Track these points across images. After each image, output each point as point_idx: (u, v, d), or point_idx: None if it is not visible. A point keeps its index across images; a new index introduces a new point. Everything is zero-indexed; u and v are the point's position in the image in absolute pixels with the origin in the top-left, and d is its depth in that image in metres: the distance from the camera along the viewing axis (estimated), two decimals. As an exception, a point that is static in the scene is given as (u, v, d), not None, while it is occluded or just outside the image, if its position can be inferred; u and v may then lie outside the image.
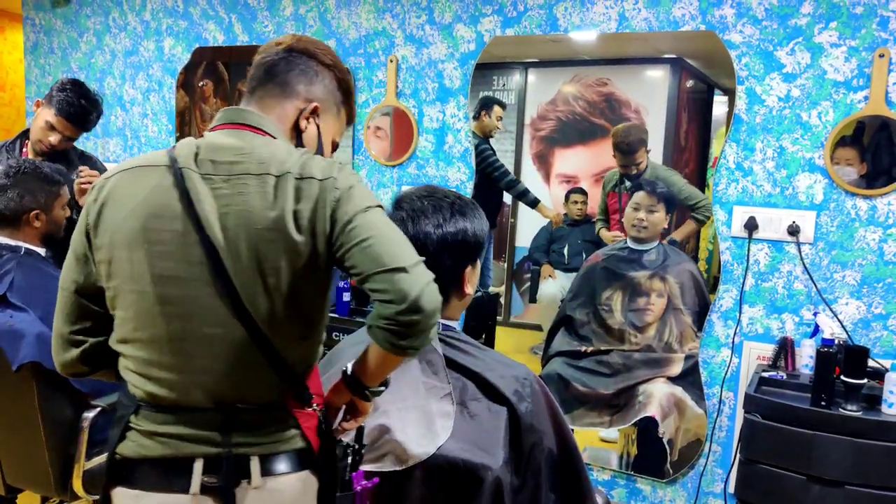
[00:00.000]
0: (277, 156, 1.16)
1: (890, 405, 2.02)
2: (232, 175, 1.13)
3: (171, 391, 1.15)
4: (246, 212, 1.11)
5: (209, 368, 1.15)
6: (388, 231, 1.13)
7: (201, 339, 1.14)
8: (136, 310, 1.15)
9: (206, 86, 3.52)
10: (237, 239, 1.11)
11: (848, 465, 1.96)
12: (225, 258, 1.11)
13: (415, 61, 2.88)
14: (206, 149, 1.16)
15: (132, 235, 1.14)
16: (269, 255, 1.11)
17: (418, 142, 2.91)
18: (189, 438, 1.16)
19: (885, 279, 2.22)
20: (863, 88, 2.20)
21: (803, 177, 2.30)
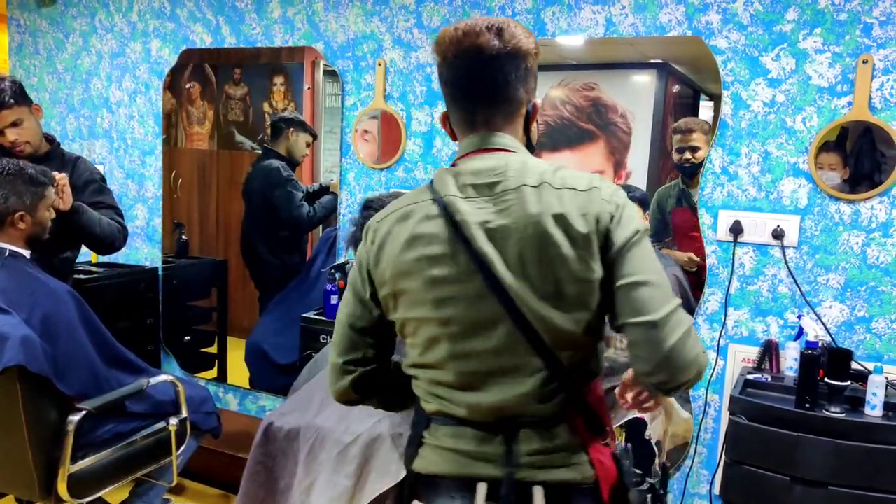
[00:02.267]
0: (531, 168, 1.17)
1: (872, 407, 2.04)
2: (494, 194, 1.16)
3: (458, 409, 1.19)
4: (510, 224, 1.13)
5: (492, 383, 1.17)
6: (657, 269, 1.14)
7: (479, 354, 1.17)
8: (422, 335, 1.20)
9: (193, 88, 3.51)
10: (505, 251, 1.13)
11: (831, 466, 1.98)
12: (497, 271, 1.13)
13: (403, 65, 2.89)
14: (464, 175, 1.19)
15: (408, 266, 1.19)
16: (536, 261, 1.12)
17: (406, 145, 2.91)
18: (474, 455, 1.18)
19: (868, 282, 2.25)
20: (846, 94, 2.23)
21: (788, 181, 2.32)
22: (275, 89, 3.50)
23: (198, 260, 3.63)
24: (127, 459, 2.39)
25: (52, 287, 2.31)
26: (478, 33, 1.17)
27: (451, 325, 1.16)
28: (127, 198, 3.58)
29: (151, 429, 2.45)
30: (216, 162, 3.67)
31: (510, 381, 1.15)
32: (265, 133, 3.48)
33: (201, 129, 3.64)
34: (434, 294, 1.17)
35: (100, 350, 2.41)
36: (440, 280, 1.16)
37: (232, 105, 3.59)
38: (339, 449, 1.55)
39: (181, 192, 3.55)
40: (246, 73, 3.55)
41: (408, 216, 1.20)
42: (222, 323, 3.61)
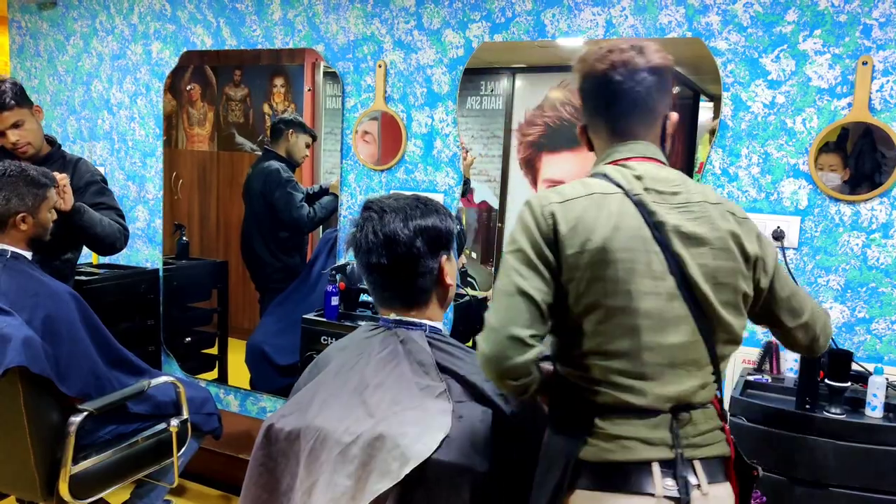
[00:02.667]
0: (698, 186, 1.35)
1: (873, 408, 2.04)
2: (679, 204, 1.29)
3: (640, 397, 1.26)
4: (704, 234, 1.27)
5: (672, 374, 1.27)
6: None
7: (667, 347, 1.26)
8: (613, 323, 1.26)
9: (193, 89, 3.52)
10: (698, 258, 1.27)
11: (832, 467, 1.98)
12: (691, 274, 1.26)
13: (403, 66, 2.89)
14: (647, 179, 1.30)
15: (611, 256, 1.24)
16: (722, 268, 1.28)
17: (407, 147, 2.92)
18: (648, 441, 1.25)
19: (869, 284, 2.25)
20: (846, 95, 2.23)
21: (788, 182, 2.33)
22: (275, 91, 3.51)
23: (198, 261, 3.64)
24: (128, 460, 2.39)
25: (54, 288, 2.32)
26: (622, 50, 1.32)
27: (647, 317, 1.25)
28: (128, 199, 3.58)
29: (153, 430, 2.45)
30: (216, 163, 3.67)
31: (687, 373, 1.28)
32: (265, 134, 3.48)
33: (201, 131, 3.64)
34: (634, 286, 1.24)
35: (101, 351, 2.42)
36: (640, 273, 1.24)
37: (232, 107, 3.59)
38: (340, 449, 1.54)
39: (181, 194, 3.55)
40: (246, 74, 3.55)
41: (602, 206, 1.27)
42: (223, 324, 3.61)
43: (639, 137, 1.35)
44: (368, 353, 1.62)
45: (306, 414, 1.64)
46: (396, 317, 1.63)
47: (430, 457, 1.39)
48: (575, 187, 1.31)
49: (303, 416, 1.65)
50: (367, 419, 1.54)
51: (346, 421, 1.56)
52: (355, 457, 1.50)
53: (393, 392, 1.52)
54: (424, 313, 1.62)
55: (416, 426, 1.44)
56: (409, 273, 1.56)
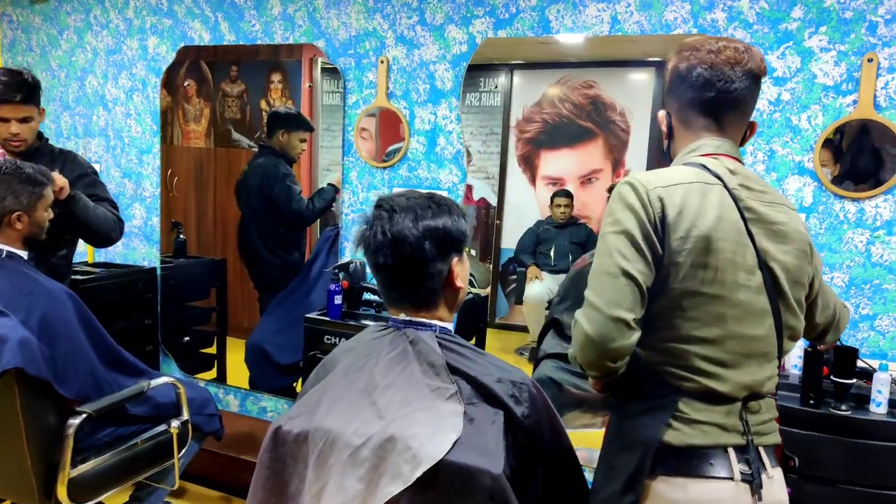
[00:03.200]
0: (780, 194, 1.41)
1: (878, 404, 2.05)
2: (766, 202, 1.34)
3: (722, 384, 1.30)
4: (790, 234, 1.34)
5: (748, 364, 1.32)
6: None
7: (749, 338, 1.32)
8: (709, 311, 1.30)
9: (189, 85, 3.48)
10: (782, 256, 1.33)
11: (840, 464, 1.98)
12: (777, 273, 1.32)
13: (406, 62, 2.87)
14: (739, 175, 1.34)
15: (716, 245, 1.28)
16: (802, 272, 1.36)
17: (410, 143, 2.89)
18: (724, 427, 1.31)
19: (873, 280, 2.25)
20: (852, 92, 2.23)
21: (793, 179, 2.32)
22: (272, 87, 3.49)
23: (196, 259, 3.60)
24: (128, 463, 2.36)
25: (50, 288, 2.28)
26: (737, 49, 1.35)
27: (739, 308, 1.30)
28: (124, 197, 3.54)
29: (152, 431, 2.42)
30: (213, 160, 3.65)
31: (759, 365, 1.34)
32: (262, 131, 3.46)
33: (197, 127, 3.62)
34: (732, 276, 1.29)
35: (99, 351, 2.38)
36: (738, 265, 1.28)
37: (229, 103, 3.57)
38: (350, 451, 1.52)
39: (177, 191, 3.52)
40: (243, 70, 3.52)
41: (706, 194, 1.30)
42: (222, 323, 3.58)
43: (729, 136, 1.39)
44: (377, 353, 1.60)
45: (314, 416, 1.62)
46: (406, 317, 1.60)
47: (442, 459, 1.37)
48: (672, 174, 1.33)
49: (311, 418, 1.62)
50: (378, 421, 1.52)
51: (356, 423, 1.54)
52: (366, 459, 1.48)
53: (403, 393, 1.50)
54: (434, 314, 1.59)
55: (427, 428, 1.43)
56: (416, 274, 1.53)
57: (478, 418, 1.46)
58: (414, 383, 1.51)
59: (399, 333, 1.60)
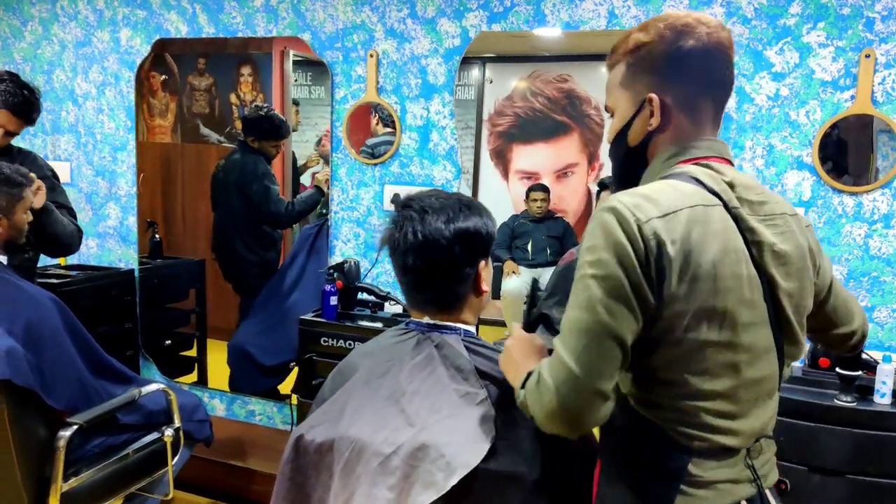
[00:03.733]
0: (776, 195, 1.21)
1: (882, 395, 2.09)
2: (765, 215, 1.15)
3: (734, 438, 1.13)
4: (790, 252, 1.15)
5: (755, 407, 1.15)
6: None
7: (756, 381, 1.14)
8: (714, 361, 1.09)
9: (153, 79, 3.37)
10: (784, 279, 1.14)
11: (848, 454, 2.02)
12: (781, 299, 1.14)
13: (396, 56, 2.81)
14: (739, 187, 1.13)
15: (716, 284, 1.06)
16: (804, 293, 1.18)
17: (401, 139, 2.84)
18: (736, 480, 1.14)
19: (871, 273, 2.30)
20: (849, 88, 2.26)
21: (792, 174, 2.35)
22: (242, 80, 3.41)
23: (175, 260, 3.50)
24: (120, 474, 2.29)
25: (33, 294, 2.19)
26: (718, 23, 1.17)
27: (749, 351, 1.11)
28: (97, 196, 3.40)
29: (144, 441, 2.35)
30: (181, 156, 3.55)
31: (766, 404, 1.17)
32: (233, 126, 3.37)
33: (163, 122, 3.52)
34: (743, 318, 1.09)
35: (86, 359, 2.31)
36: (744, 303, 1.09)
37: (196, 97, 3.48)
38: (379, 461, 1.48)
39: (143, 189, 3.40)
40: (211, 63, 3.44)
41: (709, 220, 1.07)
42: (201, 325, 3.48)
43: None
44: (400, 358, 1.56)
45: (338, 424, 1.58)
46: (430, 320, 1.57)
47: (476, 466, 1.35)
48: (669, 196, 1.08)
49: (334, 427, 1.58)
50: (408, 428, 1.48)
51: (384, 431, 1.50)
52: (396, 468, 1.45)
53: (431, 399, 1.47)
54: (458, 318, 1.56)
55: (459, 435, 1.40)
56: (445, 277, 1.49)
57: (511, 423, 1.43)
58: (441, 388, 1.48)
59: (423, 337, 1.56)
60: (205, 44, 3.22)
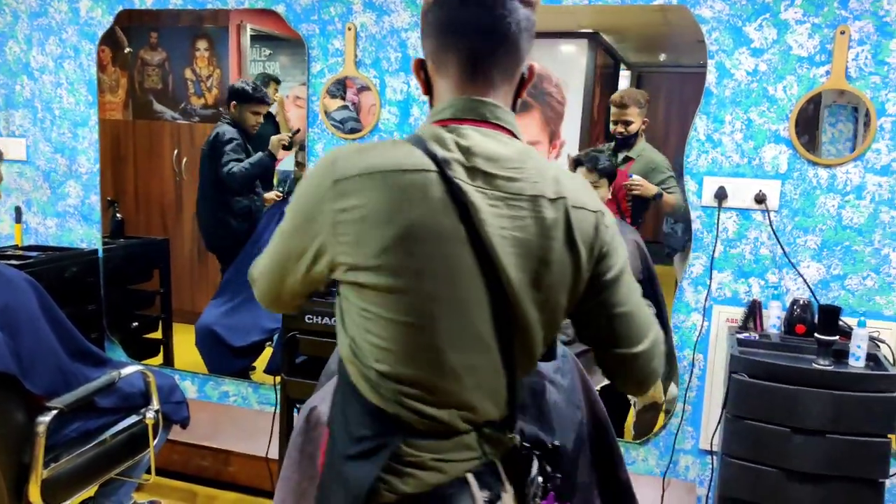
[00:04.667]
0: (545, 172, 1.06)
1: (857, 358, 2.18)
2: (507, 194, 1.03)
3: (440, 421, 1.07)
4: (524, 239, 1.03)
5: (476, 395, 1.08)
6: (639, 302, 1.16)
7: (468, 367, 1.06)
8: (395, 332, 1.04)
9: (103, 52, 3.24)
10: (517, 268, 1.03)
11: (827, 415, 2.10)
12: (507, 286, 1.03)
13: (375, 29, 2.76)
14: (477, 156, 1.02)
15: (408, 260, 1.01)
16: (544, 288, 1.05)
17: (381, 114, 2.80)
18: (457, 460, 1.08)
19: (843, 242, 2.40)
20: (825, 63, 2.33)
21: (769, 148, 2.42)
22: (198, 55, 3.32)
23: (138, 240, 3.39)
24: (100, 459, 2.23)
25: (8, 276, 2.09)
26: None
27: (455, 337, 1.06)
28: (56, 174, 3.25)
29: (123, 424, 2.29)
30: (132, 133, 3.43)
31: (489, 392, 1.13)
32: (188, 101, 3.30)
33: (114, 98, 3.40)
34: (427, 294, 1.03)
35: (63, 342, 2.23)
36: (438, 280, 1.03)
37: (149, 72, 3.37)
38: None
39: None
40: (163, 37, 3.33)
41: (405, 188, 1.00)
42: (166, 306, 3.39)
43: (495, 86, 1.07)
44: None
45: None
46: None
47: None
48: (378, 155, 1.03)
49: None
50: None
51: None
52: None
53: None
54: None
55: None
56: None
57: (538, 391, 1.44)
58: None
59: None
60: (156, 17, 3.12)
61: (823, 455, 2.11)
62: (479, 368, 1.07)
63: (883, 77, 2.29)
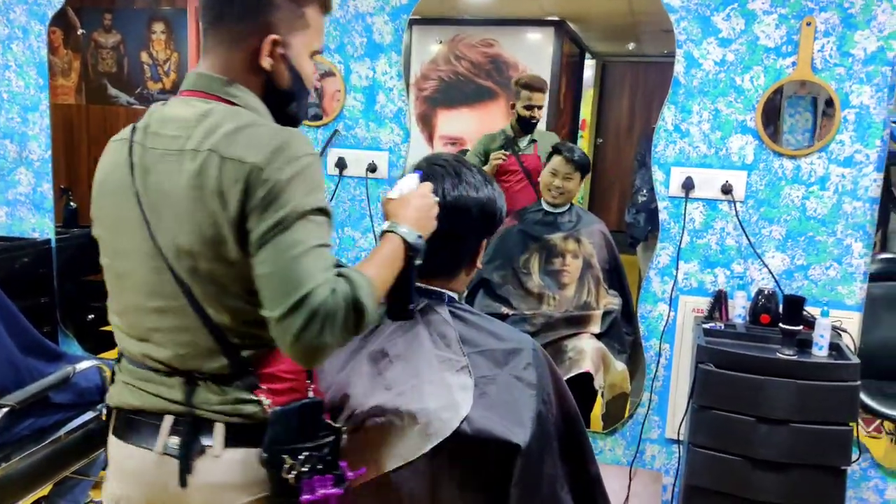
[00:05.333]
0: (215, 129, 1.11)
1: (820, 348, 2.21)
2: (168, 151, 1.14)
3: (137, 353, 1.23)
4: (167, 192, 1.13)
5: (158, 337, 1.19)
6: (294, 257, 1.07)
7: (150, 310, 1.19)
8: (108, 281, 1.27)
9: (54, 34, 3.13)
10: (164, 218, 1.14)
11: (792, 404, 2.12)
12: (157, 237, 1.15)
13: (339, 13, 2.70)
14: (157, 120, 1.18)
15: (99, 212, 1.25)
16: (193, 238, 1.12)
17: (346, 101, 2.74)
18: (158, 395, 1.20)
19: (807, 233, 2.42)
20: (791, 55, 2.34)
21: (736, 138, 2.43)
22: (154, 38, 3.23)
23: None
24: (56, 456, 2.17)
25: (-45, 268, 2.00)
26: None
27: (123, 278, 1.25)
28: (5, 161, 3.12)
29: (79, 420, 2.23)
30: (86, 118, 3.36)
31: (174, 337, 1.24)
32: (145, 85, 3.24)
33: (66, 82, 3.31)
34: (113, 245, 1.24)
35: (14, 336, 2.17)
36: (118, 231, 1.22)
37: (103, 55, 3.28)
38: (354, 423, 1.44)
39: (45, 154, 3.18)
40: (118, 19, 3.24)
41: (107, 153, 1.26)
42: (124, 297, 3.29)
43: (212, 56, 1.19)
44: (383, 321, 1.53)
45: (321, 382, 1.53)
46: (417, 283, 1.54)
47: (459, 430, 1.33)
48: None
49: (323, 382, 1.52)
50: (384, 392, 1.45)
51: (359, 390, 1.46)
52: (369, 429, 1.41)
53: (412, 364, 1.44)
54: (447, 285, 1.54)
55: (436, 400, 1.38)
56: (455, 244, 1.47)
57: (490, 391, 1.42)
58: (423, 354, 1.46)
59: None
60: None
61: (788, 444, 2.13)
62: (169, 314, 1.17)
63: (847, 69, 2.31)
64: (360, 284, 1.07)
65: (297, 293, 1.02)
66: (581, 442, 1.57)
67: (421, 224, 1.27)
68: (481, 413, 1.36)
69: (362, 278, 1.09)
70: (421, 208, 1.29)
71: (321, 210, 1.09)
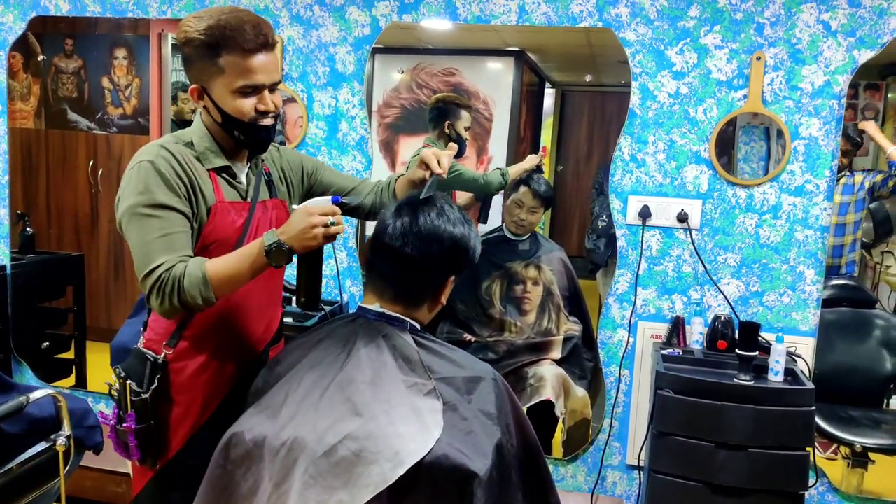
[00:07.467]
0: None
1: (776, 373, 2.24)
2: None
3: None
4: None
5: None
6: None
7: None
8: None
9: (14, 59, 3.11)
10: None
11: (749, 430, 2.15)
12: None
13: (303, 43, 2.72)
14: None
15: None
16: None
17: (308, 129, 2.75)
18: None
19: (761, 260, 2.47)
20: (742, 88, 2.42)
21: (691, 168, 2.49)
22: (116, 63, 3.23)
23: (49, 255, 3.23)
24: (7, 488, 2.11)
25: None
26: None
27: None
28: (-41, 185, 3.07)
29: (32, 451, 2.17)
30: (45, 143, 3.31)
31: None
32: (105, 111, 3.21)
33: (25, 106, 3.28)
34: None
35: (-36, 366, 2.09)
36: None
37: (63, 80, 3.26)
38: (324, 450, 1.43)
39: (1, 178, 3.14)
40: (80, 44, 3.22)
41: None
42: (80, 325, 3.24)
43: None
44: (347, 348, 1.53)
45: (279, 415, 1.52)
46: (381, 308, 1.55)
47: (426, 457, 1.33)
48: None
49: (274, 419, 1.51)
50: (355, 418, 1.45)
51: (329, 419, 1.46)
52: (343, 458, 1.41)
53: (379, 389, 1.45)
54: (411, 314, 1.56)
55: (408, 425, 1.38)
56: (422, 277, 1.52)
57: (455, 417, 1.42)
58: (389, 379, 1.46)
59: (371, 327, 1.54)
60: (72, 24, 3.04)
61: (747, 469, 2.15)
62: None
63: (796, 101, 2.39)
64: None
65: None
66: (541, 472, 1.58)
67: (293, 237, 1.40)
68: (443, 440, 1.36)
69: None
70: (298, 224, 1.41)
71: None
